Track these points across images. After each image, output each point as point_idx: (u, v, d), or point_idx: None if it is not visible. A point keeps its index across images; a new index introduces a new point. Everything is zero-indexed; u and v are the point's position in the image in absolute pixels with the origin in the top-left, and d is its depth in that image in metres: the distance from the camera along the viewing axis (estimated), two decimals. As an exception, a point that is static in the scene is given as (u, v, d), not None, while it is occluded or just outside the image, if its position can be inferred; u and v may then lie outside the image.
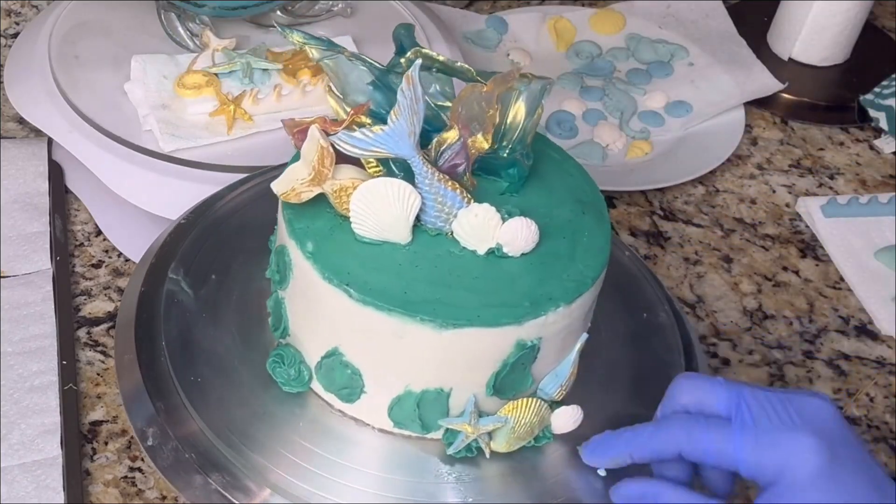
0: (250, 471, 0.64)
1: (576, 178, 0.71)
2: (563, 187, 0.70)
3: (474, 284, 0.62)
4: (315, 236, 0.64)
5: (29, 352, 0.79)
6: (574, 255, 0.65)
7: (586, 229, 0.67)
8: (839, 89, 1.18)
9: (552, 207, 0.68)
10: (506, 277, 0.63)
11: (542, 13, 1.21)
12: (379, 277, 0.62)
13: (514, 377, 0.64)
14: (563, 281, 0.64)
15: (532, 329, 0.62)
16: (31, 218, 0.88)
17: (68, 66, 0.92)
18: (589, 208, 0.69)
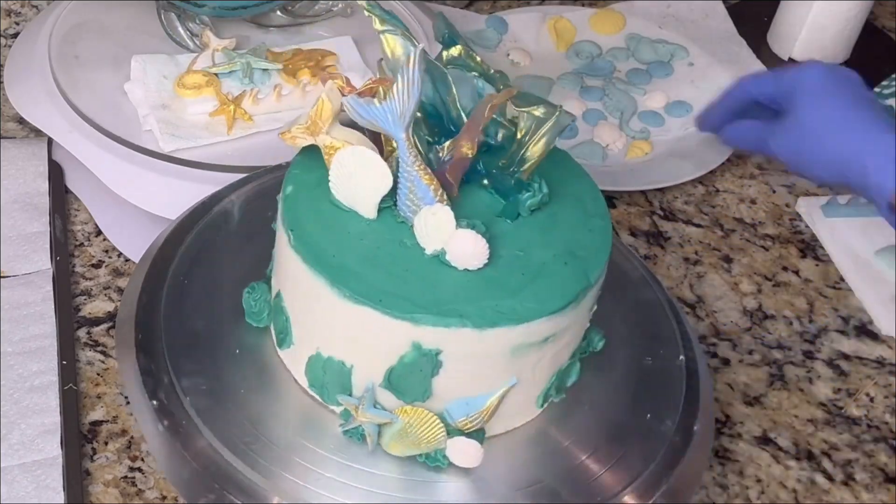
0: (251, 471, 0.64)
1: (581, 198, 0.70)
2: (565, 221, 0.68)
3: (403, 275, 0.62)
4: (298, 189, 0.66)
5: (29, 352, 0.79)
6: (533, 287, 0.63)
7: (561, 267, 0.65)
8: (839, 89, 1.18)
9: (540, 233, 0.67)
10: (441, 281, 0.62)
11: (542, 13, 1.21)
12: (321, 236, 0.63)
13: (410, 380, 0.63)
14: (499, 305, 0.61)
15: (431, 336, 0.61)
16: (31, 218, 0.88)
17: (68, 66, 0.92)
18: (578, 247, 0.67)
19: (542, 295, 0.62)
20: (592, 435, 0.69)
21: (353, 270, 0.62)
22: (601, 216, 0.69)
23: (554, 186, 0.69)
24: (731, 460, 0.81)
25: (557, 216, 0.68)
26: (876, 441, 0.85)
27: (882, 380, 0.89)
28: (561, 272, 0.64)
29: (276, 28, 1.01)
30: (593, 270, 0.65)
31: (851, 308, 0.95)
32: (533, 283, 0.63)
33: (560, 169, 0.71)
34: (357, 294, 0.61)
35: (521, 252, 0.64)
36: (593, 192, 0.71)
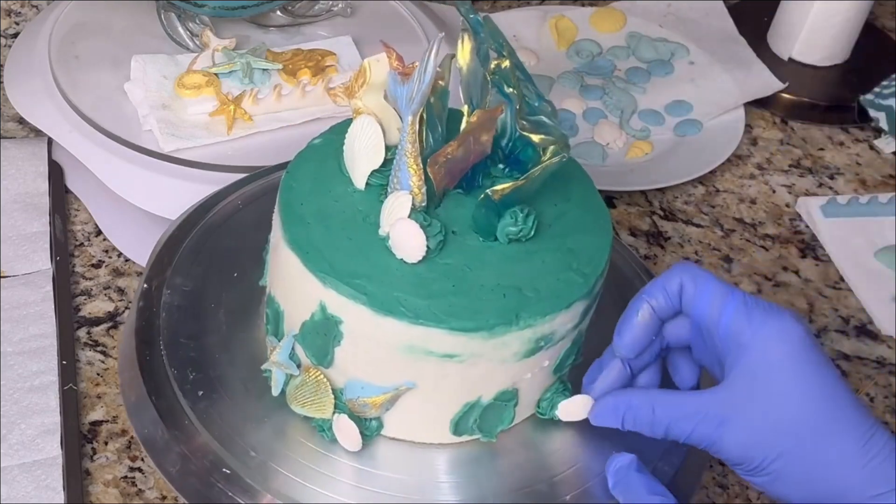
0: (251, 471, 0.64)
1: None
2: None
3: (345, 242, 0.63)
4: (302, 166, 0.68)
5: (29, 352, 0.79)
6: (462, 301, 0.61)
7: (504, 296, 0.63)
8: (839, 89, 1.18)
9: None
10: (375, 261, 0.62)
11: (542, 12, 1.21)
12: (305, 193, 0.66)
13: (316, 340, 0.64)
14: (409, 299, 0.60)
15: (335, 302, 0.61)
16: (31, 218, 0.88)
17: (68, 66, 0.92)
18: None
19: (460, 310, 0.61)
20: (591, 436, 0.69)
21: (305, 221, 0.64)
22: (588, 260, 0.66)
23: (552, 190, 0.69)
24: (731, 460, 0.81)
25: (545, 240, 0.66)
26: (876, 441, 0.84)
27: (882, 380, 0.89)
28: (499, 301, 0.62)
29: (276, 28, 1.01)
30: (526, 318, 0.62)
31: (851, 308, 0.95)
32: (464, 297, 0.61)
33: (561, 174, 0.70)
34: (293, 240, 0.63)
35: (475, 270, 0.63)
36: (595, 203, 0.70)
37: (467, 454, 0.67)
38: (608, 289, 0.69)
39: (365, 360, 0.63)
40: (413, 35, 1.02)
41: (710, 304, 0.61)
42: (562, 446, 0.69)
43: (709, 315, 0.61)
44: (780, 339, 0.58)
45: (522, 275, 0.63)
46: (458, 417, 0.65)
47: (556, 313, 0.63)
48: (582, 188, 0.70)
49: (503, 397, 0.65)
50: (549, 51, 1.18)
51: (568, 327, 0.64)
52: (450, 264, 0.63)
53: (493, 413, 0.66)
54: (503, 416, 0.67)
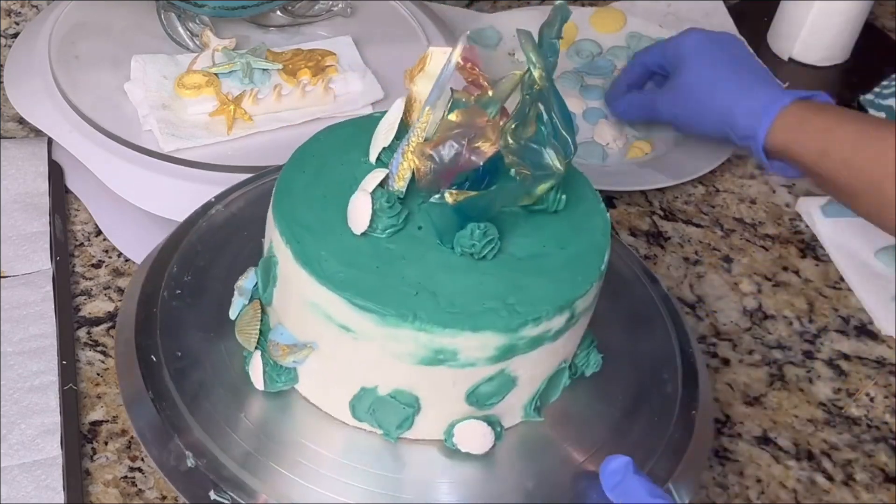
0: (250, 471, 0.64)
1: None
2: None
3: (319, 197, 0.66)
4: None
5: (29, 352, 0.79)
6: (386, 280, 0.62)
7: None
8: (839, 89, 1.17)
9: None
10: (336, 226, 0.64)
11: (543, 12, 1.21)
12: (308, 161, 0.69)
13: (263, 277, 0.68)
14: (335, 268, 0.62)
15: (277, 245, 0.65)
16: (31, 218, 0.88)
17: (68, 66, 0.92)
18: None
19: (367, 288, 0.61)
20: (592, 436, 0.69)
21: (301, 171, 0.68)
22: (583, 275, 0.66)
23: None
24: (731, 460, 0.82)
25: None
26: (876, 441, 0.85)
27: (882, 380, 0.89)
28: (407, 295, 0.61)
29: (276, 28, 1.01)
30: (423, 321, 0.61)
31: (851, 308, 0.95)
32: (380, 280, 0.62)
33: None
34: (280, 184, 0.67)
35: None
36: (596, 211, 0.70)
37: (467, 456, 0.67)
38: (608, 289, 0.69)
39: (287, 307, 0.66)
40: (413, 35, 1.02)
41: (658, 60, 1.00)
42: (562, 447, 0.69)
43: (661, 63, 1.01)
44: (690, 39, 0.97)
45: (451, 285, 0.62)
46: (355, 399, 0.65)
47: (459, 331, 0.60)
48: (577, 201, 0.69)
49: (401, 397, 0.64)
50: (550, 51, 1.18)
51: (479, 356, 0.62)
52: (390, 249, 0.63)
53: (390, 410, 0.65)
54: (401, 419, 0.65)
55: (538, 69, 0.61)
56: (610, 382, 0.72)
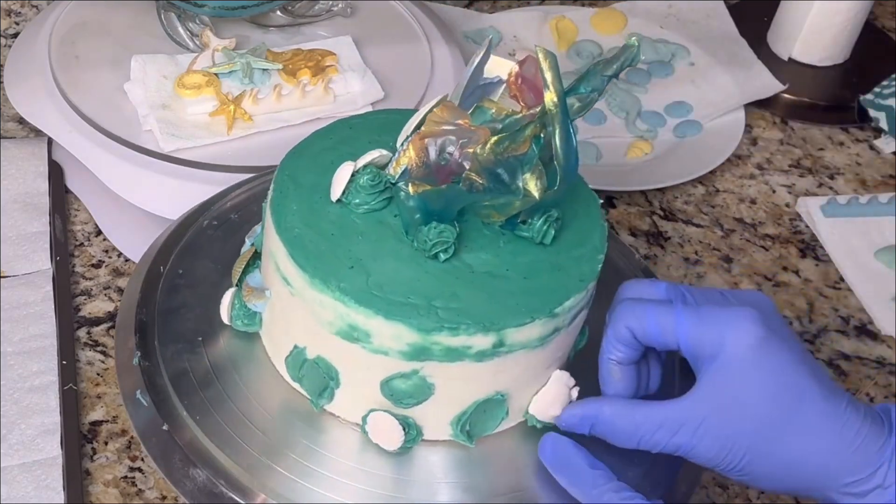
0: (249, 471, 0.64)
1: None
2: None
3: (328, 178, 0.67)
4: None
5: (29, 352, 0.79)
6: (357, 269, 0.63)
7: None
8: (839, 89, 1.18)
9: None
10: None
11: (543, 12, 1.21)
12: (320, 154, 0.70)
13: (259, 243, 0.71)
14: (302, 224, 0.64)
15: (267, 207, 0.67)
16: (31, 218, 0.88)
17: (68, 66, 0.92)
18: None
19: (307, 251, 0.63)
20: (592, 437, 0.69)
21: (318, 138, 0.70)
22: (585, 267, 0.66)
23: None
24: (731, 460, 0.81)
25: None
26: (876, 441, 0.84)
27: (882, 380, 0.89)
28: (342, 267, 0.63)
29: (276, 28, 1.01)
30: (312, 277, 0.62)
31: (851, 308, 0.95)
32: (325, 247, 0.63)
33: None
34: (302, 141, 0.70)
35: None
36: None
37: (467, 455, 0.67)
38: (607, 289, 0.69)
39: (263, 254, 0.68)
40: (413, 35, 1.02)
41: (664, 334, 0.61)
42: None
43: (667, 343, 0.62)
44: (744, 331, 0.59)
45: (389, 272, 0.62)
46: (291, 357, 0.67)
47: (373, 313, 0.60)
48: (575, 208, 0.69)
49: (322, 365, 0.65)
50: (550, 51, 1.18)
51: (391, 345, 0.62)
52: (355, 224, 0.65)
53: (314, 375, 0.66)
54: (321, 387, 0.66)
55: (551, 93, 0.60)
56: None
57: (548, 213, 0.65)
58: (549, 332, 0.63)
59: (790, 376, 0.59)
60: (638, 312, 0.62)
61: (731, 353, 0.59)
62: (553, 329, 0.63)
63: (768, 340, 0.59)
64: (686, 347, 0.61)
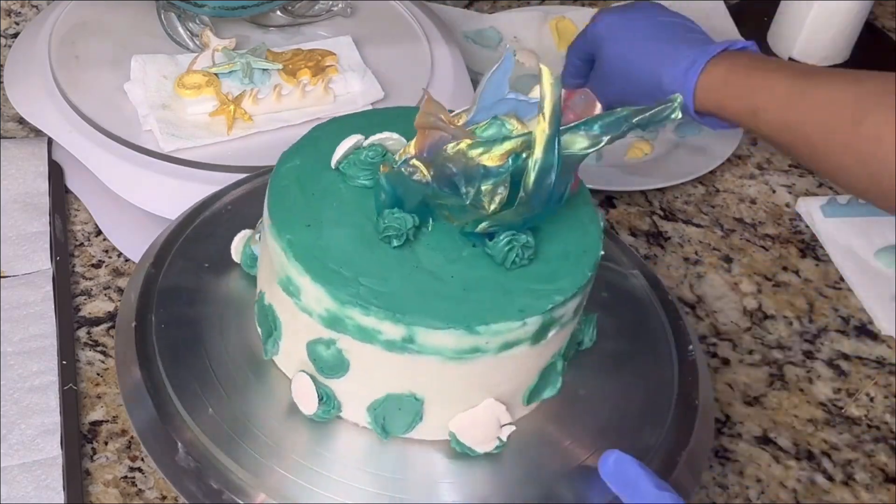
0: (249, 471, 0.64)
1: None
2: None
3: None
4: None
5: (29, 352, 0.79)
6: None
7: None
8: (839, 89, 1.18)
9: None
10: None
11: (543, 12, 1.21)
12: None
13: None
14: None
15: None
16: (31, 218, 0.88)
17: (68, 66, 0.92)
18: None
19: (286, 207, 0.65)
20: (592, 436, 0.69)
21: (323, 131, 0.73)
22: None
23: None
24: (731, 460, 0.81)
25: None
26: (876, 441, 0.85)
27: (882, 380, 0.89)
28: (305, 234, 0.65)
29: (276, 28, 1.01)
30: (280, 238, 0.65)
31: (851, 308, 0.95)
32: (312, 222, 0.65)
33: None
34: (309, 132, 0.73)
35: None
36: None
37: (465, 455, 0.67)
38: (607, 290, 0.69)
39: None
40: (413, 35, 1.02)
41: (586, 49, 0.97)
42: (561, 446, 0.69)
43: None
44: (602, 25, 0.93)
45: (336, 237, 0.65)
46: (257, 301, 0.70)
47: (301, 271, 0.63)
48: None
49: (272, 317, 0.68)
50: (550, 52, 1.18)
51: (314, 307, 0.63)
52: (336, 190, 0.67)
53: (266, 320, 0.68)
54: (269, 335, 0.68)
55: (543, 123, 0.59)
56: (610, 382, 0.72)
57: (514, 236, 0.64)
58: (467, 348, 0.62)
59: (642, 21, 0.93)
60: (573, 45, 0.99)
61: (601, 30, 0.93)
62: (471, 347, 0.62)
63: (622, 10, 0.94)
64: (586, 47, 0.96)
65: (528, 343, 0.64)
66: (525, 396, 0.68)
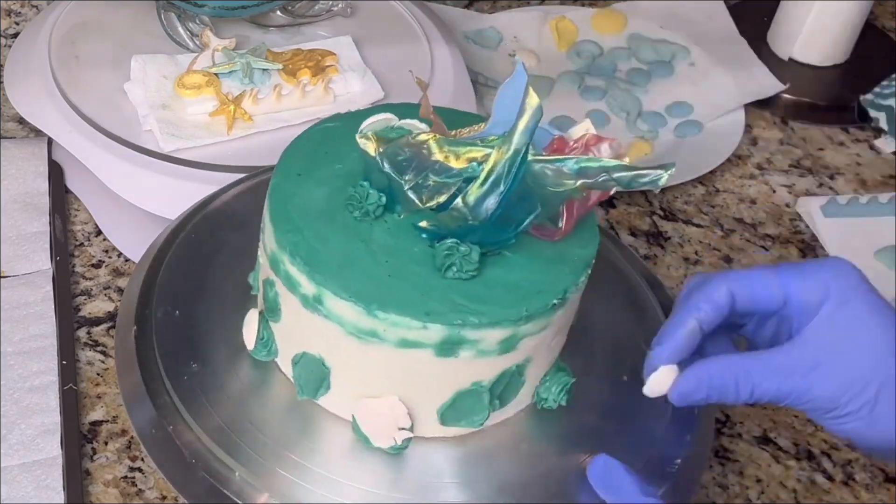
0: (250, 471, 0.64)
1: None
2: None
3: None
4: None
5: (29, 352, 0.79)
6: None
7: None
8: (839, 89, 1.18)
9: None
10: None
11: (543, 13, 1.21)
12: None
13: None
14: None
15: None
16: (31, 218, 0.88)
17: (68, 66, 0.92)
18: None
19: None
20: (591, 436, 0.69)
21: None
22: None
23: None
24: (731, 460, 0.81)
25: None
26: (876, 441, 0.84)
27: (882, 380, 0.89)
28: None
29: (276, 28, 1.01)
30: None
31: (851, 308, 0.95)
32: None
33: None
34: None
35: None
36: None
37: (466, 454, 0.67)
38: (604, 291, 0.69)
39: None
40: (413, 35, 1.02)
41: (770, 290, 0.62)
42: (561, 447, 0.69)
43: (773, 299, 0.62)
44: (847, 273, 0.61)
45: (308, 214, 0.65)
46: (252, 273, 0.71)
47: (283, 241, 0.64)
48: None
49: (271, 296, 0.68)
50: (550, 52, 1.18)
51: (296, 280, 0.64)
52: (332, 175, 0.68)
53: (267, 296, 0.69)
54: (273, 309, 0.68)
55: (509, 143, 0.60)
56: (609, 382, 0.72)
57: (457, 245, 0.62)
58: (365, 329, 0.62)
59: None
60: (741, 277, 0.62)
61: (838, 296, 0.60)
62: (370, 330, 0.62)
63: (866, 283, 0.61)
64: (794, 300, 0.61)
65: (431, 351, 0.62)
66: (439, 414, 0.66)
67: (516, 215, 0.62)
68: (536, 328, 0.64)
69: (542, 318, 0.63)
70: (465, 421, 0.66)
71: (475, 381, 0.65)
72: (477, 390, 0.65)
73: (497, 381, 0.65)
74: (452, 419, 0.66)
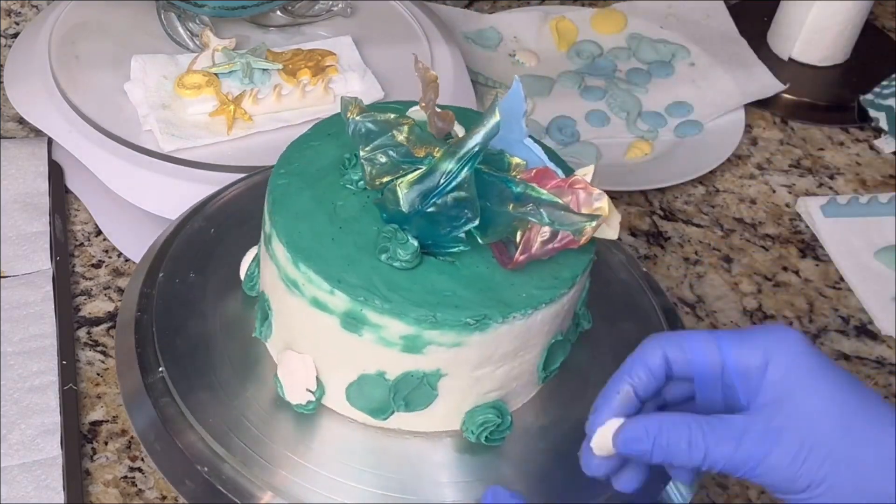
0: (250, 471, 0.64)
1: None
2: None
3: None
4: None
5: (29, 352, 0.79)
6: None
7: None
8: (839, 89, 1.18)
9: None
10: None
11: (543, 13, 1.21)
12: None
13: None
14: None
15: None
16: (31, 218, 0.88)
17: (68, 66, 0.92)
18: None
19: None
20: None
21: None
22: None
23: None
24: (731, 460, 0.81)
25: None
26: (876, 441, 0.84)
27: (882, 380, 0.89)
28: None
29: (276, 28, 1.01)
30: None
31: (851, 308, 0.95)
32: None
33: None
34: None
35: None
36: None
37: (467, 455, 0.67)
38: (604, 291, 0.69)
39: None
40: (413, 35, 1.02)
41: (707, 355, 0.59)
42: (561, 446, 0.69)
43: (710, 365, 0.59)
44: (787, 351, 0.58)
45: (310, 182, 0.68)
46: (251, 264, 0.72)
47: (275, 222, 0.66)
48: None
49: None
50: (550, 52, 1.18)
51: (281, 261, 0.65)
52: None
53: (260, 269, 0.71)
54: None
55: (453, 153, 0.61)
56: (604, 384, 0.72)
57: (397, 231, 0.63)
58: (291, 279, 0.64)
59: (846, 379, 0.57)
60: (677, 340, 0.59)
61: (784, 362, 0.57)
62: (293, 279, 0.64)
63: (812, 348, 0.58)
64: (733, 366, 0.58)
65: (337, 320, 0.63)
66: (346, 391, 0.66)
67: (450, 219, 0.62)
68: (446, 340, 0.62)
69: (452, 331, 0.62)
70: (371, 409, 0.66)
71: (379, 370, 0.64)
72: (380, 380, 0.65)
73: (402, 379, 0.64)
74: (358, 401, 0.66)
